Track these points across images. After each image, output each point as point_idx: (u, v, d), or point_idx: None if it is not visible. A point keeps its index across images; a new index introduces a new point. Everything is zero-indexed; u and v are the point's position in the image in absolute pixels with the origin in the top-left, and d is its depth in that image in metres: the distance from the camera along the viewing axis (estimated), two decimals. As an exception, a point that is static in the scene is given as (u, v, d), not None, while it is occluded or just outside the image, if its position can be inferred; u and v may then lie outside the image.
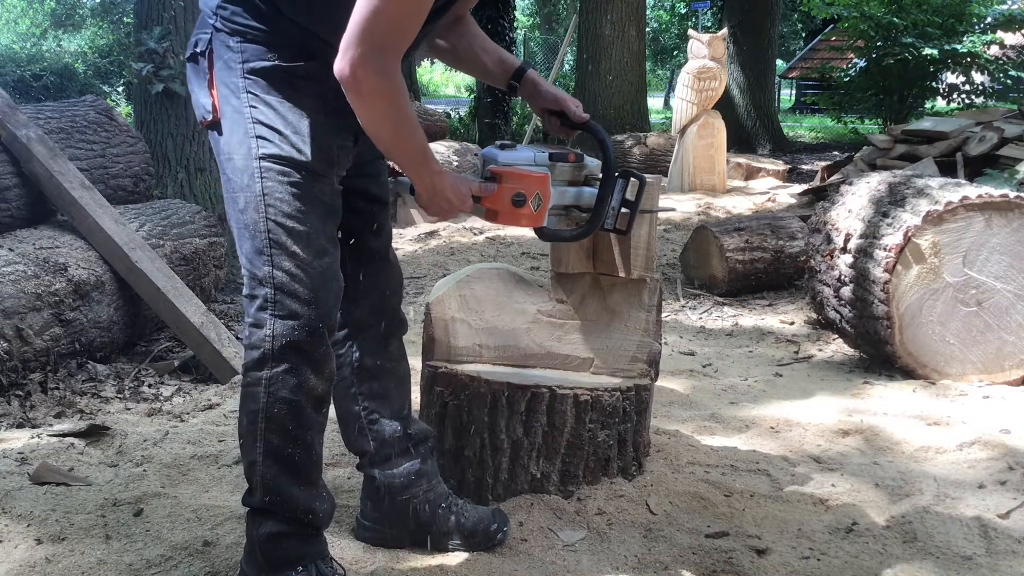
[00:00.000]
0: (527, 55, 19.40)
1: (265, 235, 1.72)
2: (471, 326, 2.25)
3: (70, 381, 3.15)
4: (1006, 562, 1.92)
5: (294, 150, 1.72)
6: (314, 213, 1.74)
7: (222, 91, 1.76)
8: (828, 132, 16.64)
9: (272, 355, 1.72)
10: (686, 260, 5.05)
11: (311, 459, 1.78)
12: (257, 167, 1.72)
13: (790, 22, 26.30)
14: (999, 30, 12.04)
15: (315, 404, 1.76)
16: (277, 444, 1.74)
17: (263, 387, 1.72)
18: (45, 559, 1.88)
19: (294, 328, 1.71)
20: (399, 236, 6.39)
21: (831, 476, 2.36)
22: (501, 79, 2.06)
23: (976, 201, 3.11)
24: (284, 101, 1.73)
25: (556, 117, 2.04)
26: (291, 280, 1.71)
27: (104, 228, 3.45)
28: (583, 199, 1.98)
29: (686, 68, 8.25)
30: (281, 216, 1.72)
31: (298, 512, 1.77)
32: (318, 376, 1.75)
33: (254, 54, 1.74)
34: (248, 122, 1.73)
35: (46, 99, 11.94)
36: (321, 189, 1.76)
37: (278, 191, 1.72)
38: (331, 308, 1.77)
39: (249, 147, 1.73)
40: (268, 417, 1.73)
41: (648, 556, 1.95)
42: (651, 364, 2.28)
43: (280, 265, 1.71)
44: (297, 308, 1.71)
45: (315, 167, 1.74)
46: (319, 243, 1.74)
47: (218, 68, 1.76)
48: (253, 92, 1.73)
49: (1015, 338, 3.17)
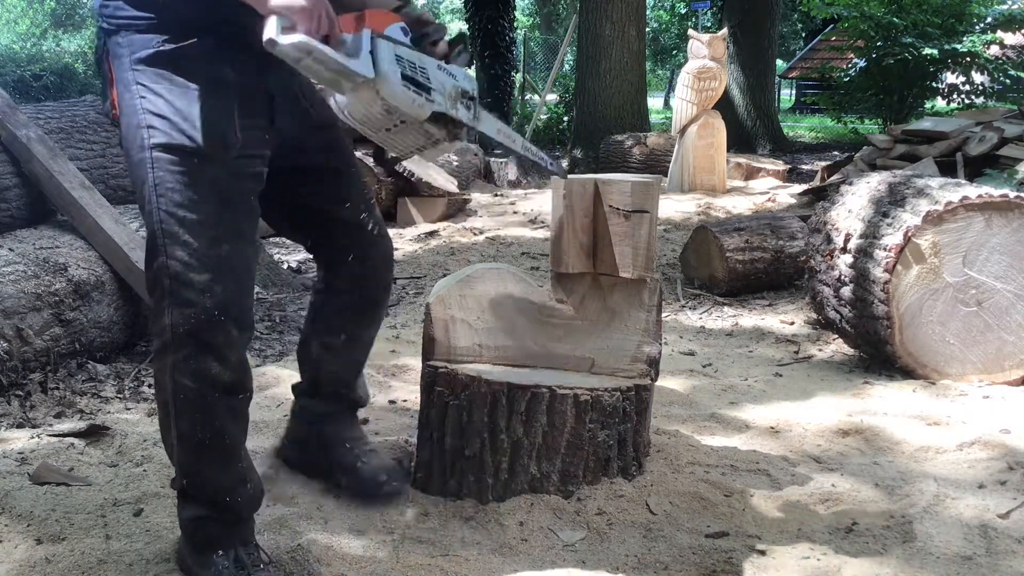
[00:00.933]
0: (527, 55, 19.39)
1: (158, 225, 1.71)
2: (471, 326, 2.25)
3: (70, 381, 3.15)
4: (1006, 562, 1.91)
5: (184, 136, 1.71)
6: (208, 201, 1.72)
7: (119, 88, 1.77)
8: (828, 132, 16.65)
9: (172, 344, 1.72)
10: (686, 260, 5.05)
11: (224, 444, 1.79)
12: (148, 157, 1.71)
13: (790, 22, 26.30)
14: (999, 30, 12.04)
15: (222, 390, 1.76)
16: (187, 430, 1.76)
17: (168, 374, 1.74)
18: (45, 559, 1.88)
19: (191, 316, 1.71)
20: (399, 236, 6.39)
21: (831, 476, 2.36)
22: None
23: (976, 201, 3.11)
24: (173, 88, 1.72)
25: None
26: (185, 269, 1.70)
27: (104, 228, 3.45)
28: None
29: (686, 68, 8.25)
30: (172, 205, 1.70)
31: (215, 496, 1.79)
32: (222, 364, 1.74)
33: (140, 44, 1.73)
34: (139, 113, 1.72)
35: (46, 99, 11.94)
36: (215, 174, 1.73)
37: (168, 180, 1.70)
38: (231, 297, 1.74)
39: (141, 138, 1.72)
40: (176, 403, 1.74)
41: (648, 556, 1.95)
42: (651, 364, 2.28)
43: (173, 255, 1.70)
44: (192, 297, 1.70)
45: (207, 152, 1.71)
46: (214, 231, 1.72)
47: (116, 67, 1.77)
48: (141, 83, 1.72)
49: (1015, 338, 3.17)
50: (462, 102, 1.77)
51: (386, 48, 1.65)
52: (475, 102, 1.81)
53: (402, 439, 2.54)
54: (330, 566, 1.87)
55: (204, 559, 1.80)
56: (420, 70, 1.70)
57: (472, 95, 1.80)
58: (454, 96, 1.76)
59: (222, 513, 1.81)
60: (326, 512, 2.11)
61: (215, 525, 1.81)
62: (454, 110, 1.75)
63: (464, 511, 2.12)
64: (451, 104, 1.74)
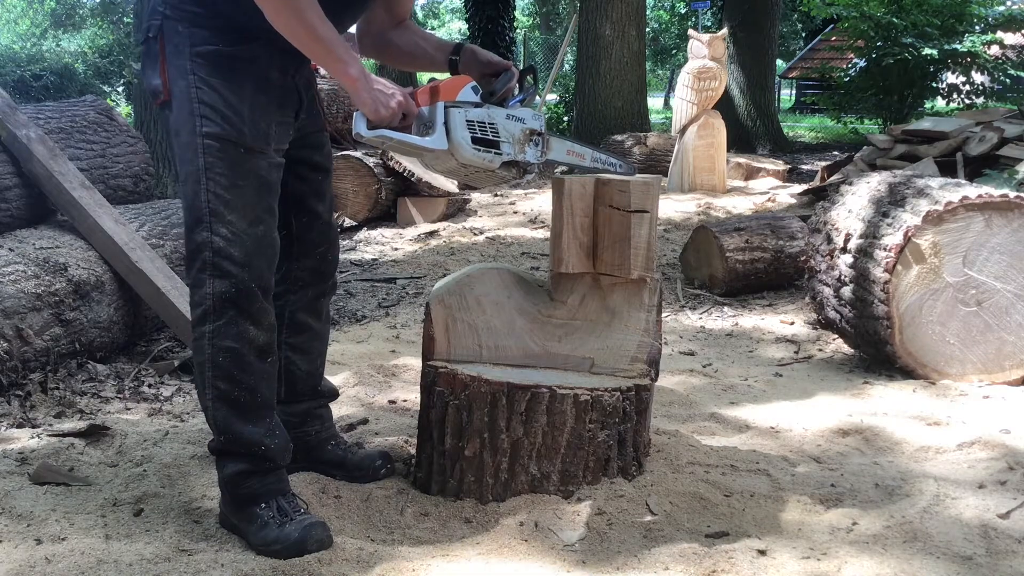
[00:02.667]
0: (527, 55, 19.40)
1: (205, 204, 1.91)
2: (471, 326, 2.25)
3: (70, 381, 3.15)
4: (1006, 562, 1.91)
5: (233, 130, 1.91)
6: (250, 186, 1.94)
7: (171, 73, 1.94)
8: (828, 132, 16.64)
9: (213, 310, 1.93)
10: (686, 260, 5.05)
11: (256, 401, 1.99)
12: (200, 144, 1.91)
13: (790, 22, 26.30)
14: (999, 30, 12.03)
15: (257, 352, 1.97)
16: (224, 388, 1.96)
17: (207, 339, 1.94)
18: (45, 559, 1.88)
19: (230, 286, 1.92)
20: (399, 236, 6.38)
21: (831, 476, 2.36)
22: (442, 59, 2.21)
23: (976, 201, 3.11)
24: (226, 84, 1.92)
25: (495, 78, 2.13)
26: (227, 245, 1.91)
27: (104, 228, 3.45)
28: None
29: (686, 68, 8.24)
30: (219, 188, 1.91)
31: (251, 447, 1.97)
32: (257, 327, 1.96)
33: (200, 39, 1.92)
34: (193, 102, 1.91)
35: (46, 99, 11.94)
36: (257, 164, 1.95)
37: (217, 166, 1.91)
38: (264, 271, 1.97)
39: (194, 125, 1.91)
40: (215, 364, 1.95)
41: (648, 556, 1.95)
42: (651, 364, 2.28)
43: (217, 231, 1.91)
44: (232, 269, 1.92)
45: (252, 145, 1.94)
46: (254, 213, 1.94)
47: (169, 52, 1.94)
48: (198, 74, 1.92)
49: (1015, 338, 3.17)
50: (531, 142, 2.02)
51: (458, 117, 1.91)
52: (542, 137, 2.05)
53: (402, 439, 2.54)
54: (330, 566, 1.87)
55: (248, 513, 1.98)
56: (490, 127, 1.96)
57: (540, 131, 2.04)
58: (522, 140, 2.01)
59: (259, 463, 1.99)
60: (326, 512, 2.11)
61: (254, 478, 1.99)
62: (522, 155, 2.00)
63: (464, 511, 2.12)
64: (519, 149, 2.00)
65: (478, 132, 1.93)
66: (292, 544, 1.91)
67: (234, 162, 1.91)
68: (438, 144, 1.90)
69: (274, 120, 1.97)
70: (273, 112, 1.97)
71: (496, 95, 2.01)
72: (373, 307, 4.54)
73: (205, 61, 1.91)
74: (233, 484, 2.00)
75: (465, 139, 1.91)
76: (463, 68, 2.16)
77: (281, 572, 1.85)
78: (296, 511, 1.99)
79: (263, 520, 1.96)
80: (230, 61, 1.92)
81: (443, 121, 1.90)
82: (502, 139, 1.97)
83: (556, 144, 2.12)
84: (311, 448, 2.29)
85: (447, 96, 1.94)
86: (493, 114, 1.97)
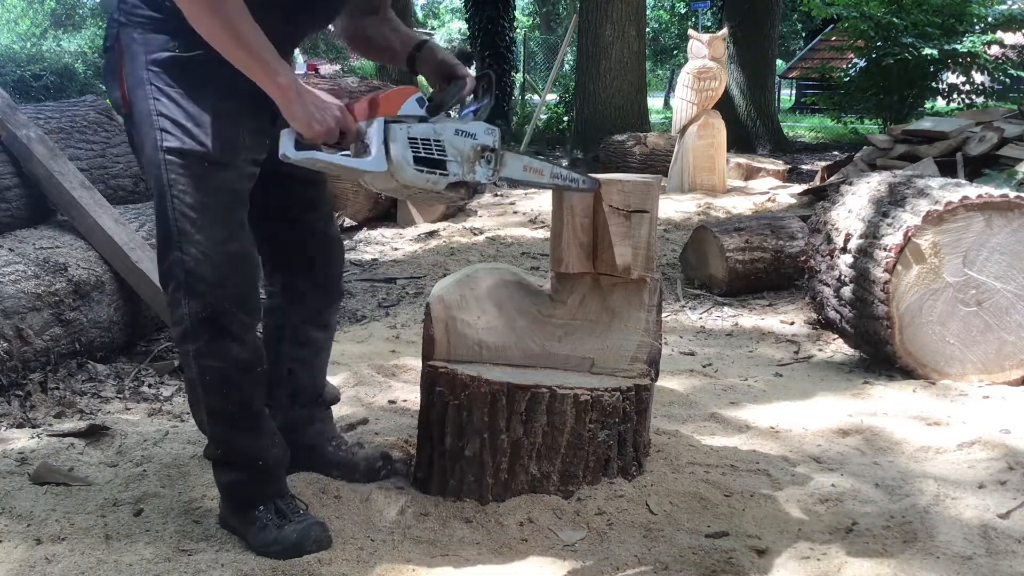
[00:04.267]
0: (527, 55, 19.39)
1: (173, 223, 1.82)
2: (471, 326, 2.25)
3: (70, 381, 3.15)
4: (1006, 562, 1.91)
5: (195, 143, 1.79)
6: (218, 202, 1.84)
7: (130, 83, 1.83)
8: (828, 132, 16.64)
9: (191, 331, 1.87)
10: (686, 260, 5.05)
11: (250, 412, 1.96)
12: (162, 159, 1.80)
13: (790, 22, 26.30)
14: (999, 30, 12.03)
15: (243, 367, 1.91)
16: (217, 405, 1.93)
17: (192, 358, 1.89)
18: (45, 559, 1.88)
19: (205, 307, 1.84)
20: (399, 236, 6.38)
21: (831, 476, 2.36)
22: (404, 54, 2.09)
23: (976, 201, 3.11)
24: (185, 93, 1.79)
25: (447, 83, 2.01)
26: (197, 265, 1.83)
27: (104, 228, 3.45)
28: None
29: (686, 68, 8.24)
30: (184, 206, 1.81)
31: (249, 460, 1.97)
32: (240, 345, 1.89)
33: (156, 45, 1.79)
34: (153, 115, 1.80)
35: (46, 99, 11.94)
36: (225, 177, 1.84)
37: (181, 182, 1.81)
38: (240, 288, 1.88)
39: (155, 139, 1.80)
40: (203, 383, 1.91)
41: (648, 556, 1.95)
42: (651, 364, 2.28)
43: (187, 251, 1.82)
44: (205, 289, 1.84)
45: (217, 157, 1.81)
46: (223, 230, 1.84)
47: (126, 60, 1.83)
48: (156, 84, 1.79)
49: (1015, 338, 3.17)
50: (482, 159, 1.85)
51: (399, 134, 1.75)
52: (495, 153, 1.89)
53: (402, 439, 2.54)
54: (330, 566, 1.88)
55: (247, 516, 1.97)
56: (435, 144, 1.79)
57: (493, 147, 1.88)
58: (473, 157, 1.84)
59: (257, 474, 1.98)
60: (326, 512, 2.11)
61: (252, 485, 1.98)
62: (471, 174, 1.84)
63: (464, 511, 2.12)
64: (468, 168, 1.83)
65: (421, 151, 1.77)
66: (291, 545, 1.91)
67: (199, 177, 1.79)
68: (376, 165, 1.73)
69: (244, 127, 1.83)
70: (242, 119, 1.82)
71: (444, 107, 1.85)
72: (373, 307, 4.54)
73: (162, 69, 1.78)
74: (231, 491, 2.01)
75: (406, 159, 1.74)
76: (420, 67, 2.05)
77: (281, 572, 1.85)
78: (295, 512, 1.99)
79: (262, 522, 1.96)
80: (188, 67, 1.77)
81: (382, 139, 1.73)
82: (449, 157, 1.80)
83: (511, 161, 1.94)
84: (312, 449, 2.28)
85: (388, 110, 1.76)
86: (440, 130, 1.80)
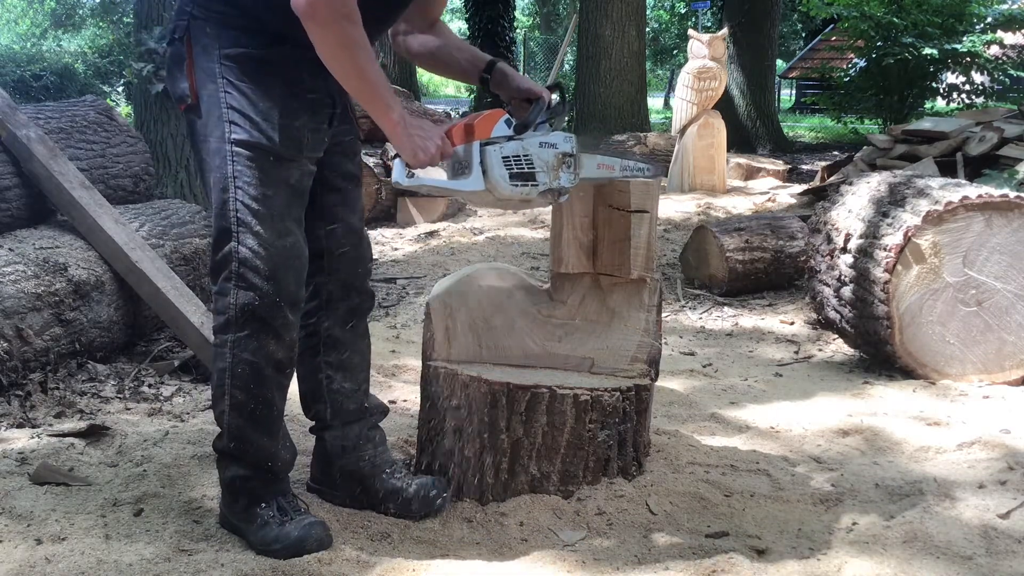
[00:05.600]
0: (527, 55, 19.40)
1: (233, 214, 1.86)
2: (471, 326, 2.25)
3: (70, 381, 3.15)
4: (1006, 562, 1.91)
5: (263, 136, 1.84)
6: (279, 196, 1.87)
7: (199, 76, 1.86)
8: (828, 132, 16.63)
9: (235, 321, 1.89)
10: (686, 260, 5.05)
11: (272, 414, 1.96)
12: (229, 151, 1.84)
13: (790, 22, 26.29)
14: (999, 30, 12.03)
15: (276, 366, 1.93)
16: (241, 399, 1.92)
17: (228, 348, 1.91)
18: (45, 559, 1.88)
19: (254, 299, 1.87)
20: (399, 236, 6.39)
21: (831, 476, 2.36)
22: (475, 74, 2.16)
23: (976, 201, 3.11)
24: (256, 88, 1.84)
25: (527, 104, 2.11)
26: (253, 256, 1.86)
27: (104, 228, 3.44)
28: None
29: (686, 68, 8.25)
30: (247, 198, 1.85)
31: (259, 459, 1.97)
32: (278, 343, 1.91)
33: (229, 40, 1.84)
34: (222, 107, 1.84)
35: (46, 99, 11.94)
36: (288, 172, 1.89)
37: (246, 174, 1.85)
38: (291, 284, 1.91)
39: (223, 131, 1.84)
40: (233, 375, 1.91)
41: (648, 556, 1.95)
42: (651, 364, 2.28)
43: (244, 242, 1.86)
44: (257, 282, 1.86)
45: (282, 152, 1.86)
46: (282, 225, 1.88)
47: (196, 53, 1.86)
48: (227, 78, 1.84)
49: (1015, 338, 3.17)
50: (564, 165, 2.01)
51: (494, 156, 1.90)
52: (574, 157, 2.04)
53: (402, 439, 2.54)
54: (330, 566, 1.87)
55: (248, 514, 1.97)
56: (525, 159, 1.95)
57: (572, 152, 2.03)
58: (556, 165, 1.99)
59: (264, 473, 1.98)
60: (325, 512, 2.11)
61: (257, 483, 1.98)
62: (556, 181, 1.99)
63: (464, 511, 2.12)
64: (553, 177, 1.99)
65: (514, 167, 1.93)
66: (292, 543, 1.91)
67: (264, 170, 1.85)
68: (475, 186, 1.90)
69: (307, 126, 1.90)
70: (305, 117, 1.89)
71: (530, 126, 2.00)
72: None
73: (234, 64, 1.84)
74: (235, 487, 1.99)
75: (503, 177, 1.90)
76: (494, 87, 2.14)
77: (281, 572, 1.85)
78: (296, 511, 1.99)
79: (263, 519, 1.95)
80: (260, 64, 1.84)
81: (479, 161, 1.89)
82: (537, 169, 1.96)
83: (587, 161, 2.10)
84: (365, 478, 2.13)
85: (482, 134, 1.92)
86: (527, 145, 1.96)
